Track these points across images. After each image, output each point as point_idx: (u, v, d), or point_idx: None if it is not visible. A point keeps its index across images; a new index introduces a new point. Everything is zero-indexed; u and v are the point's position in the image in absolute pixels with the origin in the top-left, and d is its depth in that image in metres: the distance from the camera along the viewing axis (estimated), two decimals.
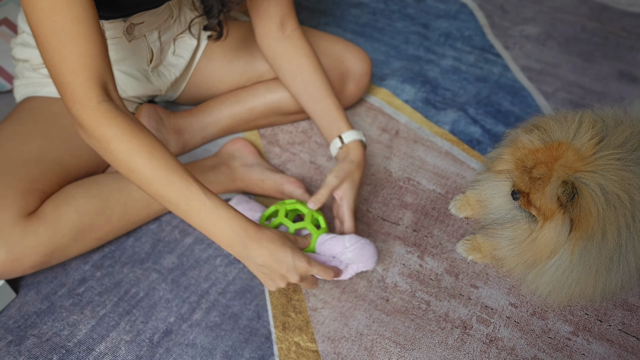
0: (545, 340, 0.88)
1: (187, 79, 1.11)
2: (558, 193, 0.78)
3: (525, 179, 0.83)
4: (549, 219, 0.81)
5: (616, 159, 0.78)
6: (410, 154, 1.17)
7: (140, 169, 0.70)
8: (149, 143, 0.71)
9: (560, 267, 0.83)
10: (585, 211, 0.77)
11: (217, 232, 0.73)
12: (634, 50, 1.47)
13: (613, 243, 0.79)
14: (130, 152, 0.70)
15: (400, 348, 0.86)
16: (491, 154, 1.01)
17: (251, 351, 0.85)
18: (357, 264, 0.86)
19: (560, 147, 0.80)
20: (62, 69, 0.68)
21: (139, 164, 0.70)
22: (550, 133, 0.83)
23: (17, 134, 0.88)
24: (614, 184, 0.77)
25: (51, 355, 0.83)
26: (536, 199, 0.82)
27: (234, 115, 1.11)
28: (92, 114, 0.69)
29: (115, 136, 0.69)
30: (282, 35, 0.96)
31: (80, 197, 0.86)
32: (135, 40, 0.94)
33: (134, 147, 0.70)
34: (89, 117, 0.69)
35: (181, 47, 1.04)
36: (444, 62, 1.41)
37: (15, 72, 0.98)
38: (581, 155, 0.78)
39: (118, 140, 0.69)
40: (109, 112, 0.70)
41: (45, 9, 0.65)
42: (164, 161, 0.71)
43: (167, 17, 0.97)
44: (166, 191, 0.71)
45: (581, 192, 0.77)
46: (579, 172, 0.77)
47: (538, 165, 0.81)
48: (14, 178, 0.81)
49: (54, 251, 0.83)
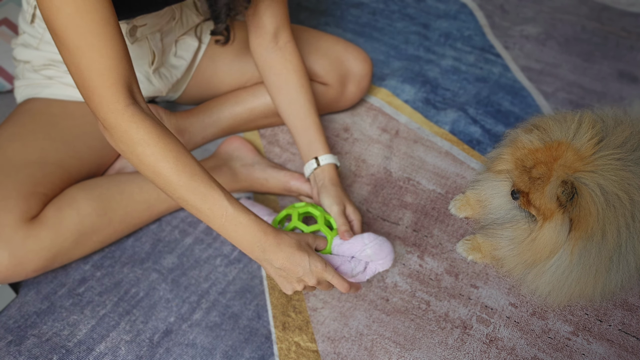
0: (545, 340, 0.88)
1: (188, 79, 1.11)
2: (557, 193, 0.78)
3: (525, 178, 0.83)
4: (549, 218, 0.81)
5: (616, 159, 0.78)
6: (410, 154, 1.17)
7: (165, 174, 0.71)
8: (174, 148, 0.72)
9: (560, 267, 0.83)
10: (584, 211, 0.77)
11: (238, 238, 0.75)
12: (634, 50, 1.47)
13: (613, 243, 0.79)
14: (156, 157, 0.70)
15: (400, 348, 0.86)
16: (491, 153, 1.01)
17: (251, 351, 0.85)
18: (376, 261, 0.86)
19: (560, 147, 0.80)
20: (90, 73, 0.67)
21: (165, 168, 0.71)
22: (550, 133, 0.83)
23: (18, 136, 0.88)
24: (614, 184, 0.77)
25: (51, 355, 0.83)
26: (536, 199, 0.82)
27: (234, 115, 1.11)
28: (120, 117, 0.69)
29: (142, 140, 0.70)
30: (275, 46, 0.97)
31: (81, 200, 0.86)
32: (138, 42, 0.94)
33: (160, 152, 0.71)
34: (117, 120, 0.69)
35: (182, 49, 1.04)
36: (444, 62, 1.41)
37: (15, 73, 0.98)
38: (581, 155, 0.78)
39: (145, 144, 0.70)
40: (136, 115, 0.70)
41: (72, 13, 0.63)
42: (189, 167, 0.72)
43: (169, 19, 0.97)
44: (190, 196, 0.72)
45: (581, 192, 0.77)
46: (579, 172, 0.77)
47: (538, 165, 0.81)
48: (16, 181, 0.81)
49: (57, 255, 0.83)
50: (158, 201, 0.95)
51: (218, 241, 0.99)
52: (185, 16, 1.01)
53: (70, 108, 0.94)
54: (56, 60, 0.92)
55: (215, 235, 1.00)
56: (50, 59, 0.92)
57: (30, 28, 0.91)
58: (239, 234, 0.75)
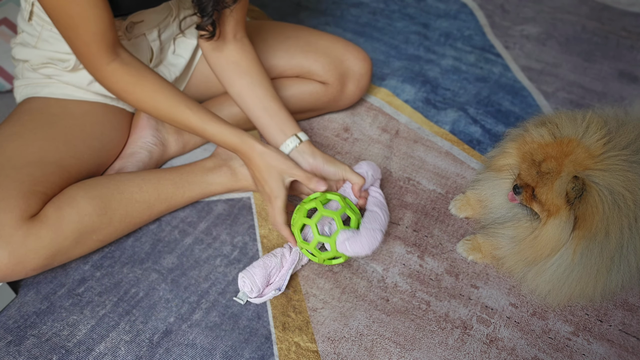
0: (545, 340, 0.88)
1: (187, 79, 1.11)
2: (567, 188, 0.78)
3: (533, 172, 0.83)
4: (553, 215, 0.81)
5: (623, 160, 0.78)
6: (410, 154, 1.17)
7: (153, 110, 0.87)
8: (151, 89, 0.85)
9: (561, 265, 0.83)
10: (591, 209, 0.77)
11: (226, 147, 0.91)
12: (634, 50, 1.47)
13: (615, 243, 0.79)
14: (139, 102, 0.86)
15: (401, 348, 0.86)
16: (491, 153, 1.01)
17: (251, 351, 0.85)
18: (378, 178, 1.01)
19: (571, 143, 0.80)
20: (77, 43, 0.80)
21: (151, 107, 0.86)
22: (561, 129, 0.83)
23: (18, 135, 0.87)
24: (621, 184, 0.77)
25: (51, 355, 0.83)
26: (542, 193, 0.81)
27: (234, 115, 1.11)
28: (104, 74, 0.83)
29: (123, 90, 0.85)
30: (233, 38, 0.97)
31: (81, 199, 0.86)
32: (135, 39, 0.94)
33: (140, 96, 0.85)
34: (101, 77, 0.84)
35: (181, 47, 1.04)
36: (444, 62, 1.41)
37: (15, 73, 0.98)
38: (591, 153, 0.78)
39: (126, 93, 0.85)
40: (116, 71, 0.83)
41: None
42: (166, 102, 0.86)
43: (167, 16, 0.97)
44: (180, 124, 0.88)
45: (590, 189, 0.77)
46: (589, 170, 0.78)
47: (548, 159, 0.81)
48: (16, 180, 0.81)
49: (56, 253, 0.83)
50: (158, 201, 0.95)
51: (218, 241, 0.99)
52: (183, 14, 1.01)
53: (69, 107, 0.94)
54: (54, 58, 0.91)
55: (215, 235, 1.00)
56: (48, 57, 0.91)
57: (28, 26, 0.91)
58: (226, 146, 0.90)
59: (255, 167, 0.90)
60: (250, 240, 0.99)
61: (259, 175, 0.90)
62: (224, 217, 1.02)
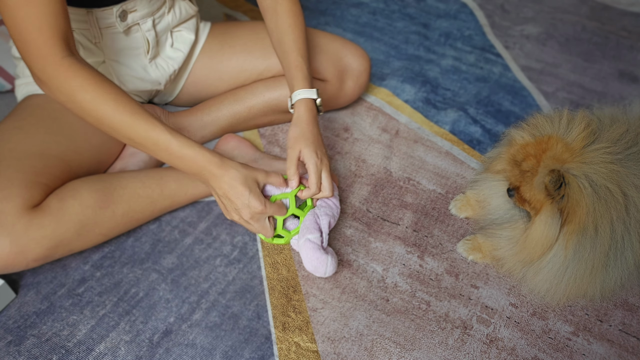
0: (545, 340, 0.88)
1: (186, 75, 1.11)
2: (545, 182, 0.78)
3: (516, 172, 0.84)
4: (539, 211, 0.81)
5: (607, 152, 0.79)
6: (410, 153, 1.17)
7: (107, 116, 0.78)
8: (113, 91, 0.78)
9: (555, 263, 0.83)
10: (573, 201, 0.77)
11: (184, 168, 0.83)
12: (634, 50, 1.47)
13: (606, 238, 0.79)
14: (96, 101, 0.77)
15: (401, 348, 0.86)
16: (490, 153, 1.01)
17: (251, 351, 0.85)
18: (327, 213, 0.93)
19: (550, 140, 0.81)
20: (27, 26, 0.72)
21: (106, 110, 0.77)
22: (540, 128, 0.84)
23: (19, 129, 0.88)
24: (603, 176, 0.77)
25: (51, 355, 0.83)
26: (526, 191, 0.83)
27: (233, 114, 1.11)
28: (58, 68, 0.75)
29: (81, 87, 0.76)
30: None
31: (84, 191, 0.86)
32: (130, 30, 0.94)
33: (99, 96, 0.77)
34: (55, 71, 0.75)
35: (179, 41, 1.05)
36: (444, 62, 1.41)
37: (16, 72, 0.98)
38: (570, 148, 0.79)
39: (84, 91, 0.76)
40: (73, 65, 0.76)
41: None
42: (129, 106, 0.78)
43: (161, 5, 0.98)
44: (133, 134, 0.79)
45: (569, 181, 0.77)
46: (567, 164, 0.78)
47: (527, 158, 0.82)
48: (19, 170, 0.81)
49: (58, 244, 0.83)
50: (161, 197, 0.95)
51: (218, 241, 0.99)
52: (178, 5, 1.02)
53: None
54: None
55: (215, 235, 1.00)
56: None
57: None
58: (185, 165, 0.82)
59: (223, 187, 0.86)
60: (250, 240, 0.99)
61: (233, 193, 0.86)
62: (224, 217, 1.02)
